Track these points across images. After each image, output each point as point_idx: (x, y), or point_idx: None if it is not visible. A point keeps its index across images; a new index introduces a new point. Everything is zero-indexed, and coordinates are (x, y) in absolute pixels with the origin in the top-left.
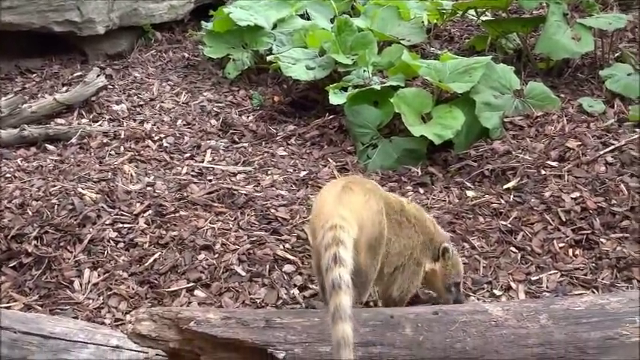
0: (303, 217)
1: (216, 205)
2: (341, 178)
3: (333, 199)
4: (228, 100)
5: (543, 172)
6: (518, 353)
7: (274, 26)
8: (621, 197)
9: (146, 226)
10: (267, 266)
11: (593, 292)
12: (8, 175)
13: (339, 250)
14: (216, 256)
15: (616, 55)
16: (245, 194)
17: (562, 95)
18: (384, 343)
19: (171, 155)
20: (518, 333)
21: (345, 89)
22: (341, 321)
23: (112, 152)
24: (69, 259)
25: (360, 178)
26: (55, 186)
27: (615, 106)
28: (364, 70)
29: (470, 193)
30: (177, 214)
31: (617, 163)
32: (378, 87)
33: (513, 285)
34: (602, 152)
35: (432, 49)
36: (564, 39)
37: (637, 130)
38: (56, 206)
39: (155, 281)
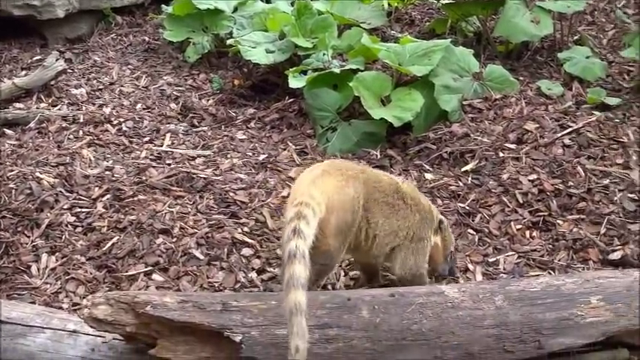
0: (262, 201)
1: (174, 189)
2: (328, 162)
3: (308, 181)
4: (188, 84)
5: (501, 154)
6: (473, 334)
7: (235, 9)
8: (578, 179)
9: (104, 210)
10: (226, 250)
11: (550, 274)
12: None
13: (299, 223)
14: (175, 240)
15: (575, 38)
16: (204, 178)
17: (521, 78)
18: (340, 326)
19: (131, 139)
20: (474, 314)
21: (304, 73)
22: (294, 289)
23: (71, 136)
24: (26, 243)
25: (347, 163)
26: (12, 170)
27: (573, 88)
28: (324, 54)
29: (428, 176)
30: (135, 198)
31: (575, 145)
32: (337, 70)
33: (471, 267)
34: (559, 135)
35: (393, 32)
36: (523, 22)
37: (594, 112)
38: (14, 191)
39: (113, 265)
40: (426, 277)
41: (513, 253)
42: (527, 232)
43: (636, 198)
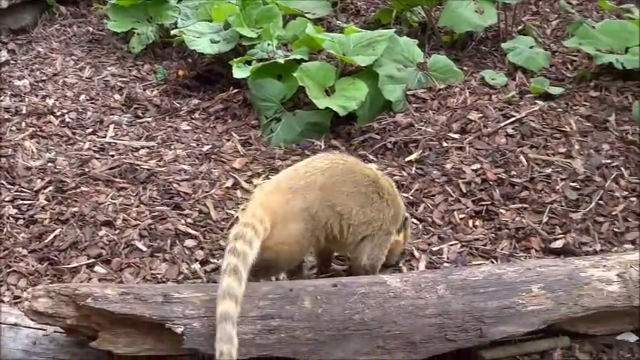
0: (206, 192)
1: (118, 180)
2: (286, 172)
3: (256, 200)
4: (132, 75)
5: (445, 144)
6: (416, 324)
7: (179, 0)
8: (521, 168)
9: (46, 202)
10: (169, 241)
11: (493, 262)
12: None
13: (236, 243)
14: (117, 231)
15: (519, 28)
16: (147, 169)
17: (465, 68)
18: (282, 316)
19: (74, 131)
20: (416, 304)
21: (249, 63)
22: (222, 300)
23: (13, 128)
24: None
25: (307, 167)
26: None
27: (517, 78)
28: (268, 44)
29: (372, 166)
30: (78, 190)
31: (518, 134)
32: (281, 60)
33: (417, 254)
34: (502, 124)
35: (338, 22)
36: (467, 12)
37: (538, 101)
38: None
39: (55, 258)
40: (379, 269)
41: (456, 242)
42: (471, 222)
43: (578, 187)
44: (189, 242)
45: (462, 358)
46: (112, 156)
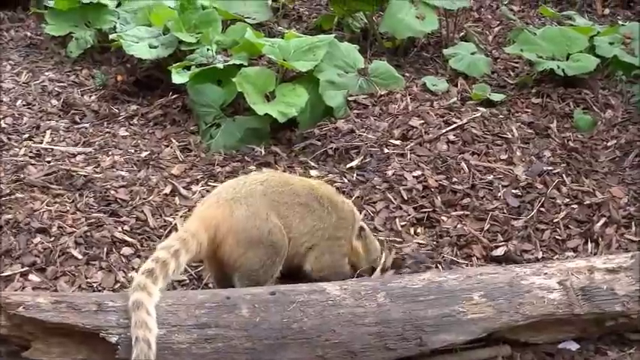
0: (144, 199)
1: (53, 187)
2: (226, 185)
3: (198, 211)
4: (70, 80)
5: (386, 150)
6: (355, 332)
7: (118, 4)
8: (462, 175)
9: None
10: (105, 249)
11: (436, 268)
12: None
13: (159, 253)
14: (52, 239)
15: (461, 34)
16: (84, 175)
17: (407, 74)
18: (219, 325)
19: (9, 136)
20: (355, 312)
21: (188, 68)
22: (133, 292)
23: None
24: None
25: (246, 179)
26: None
27: (459, 84)
28: (207, 49)
29: (313, 172)
30: (12, 197)
31: (459, 141)
32: (221, 66)
33: None
34: (444, 130)
35: (280, 28)
36: (408, 18)
37: (479, 108)
38: None
39: None
40: (347, 274)
41: (398, 249)
42: (412, 229)
43: (519, 194)
44: (126, 250)
45: None
46: (49, 162)
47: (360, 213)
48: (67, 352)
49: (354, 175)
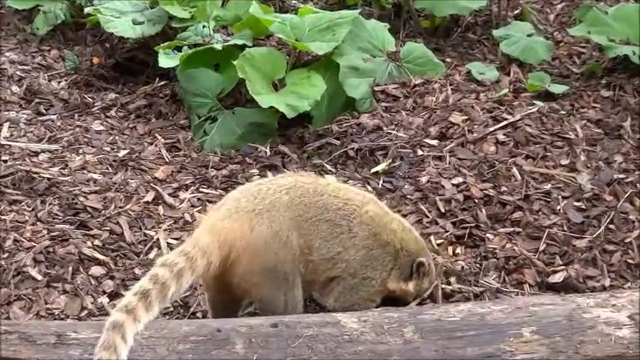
0: (119, 207)
1: (10, 191)
2: (240, 190)
3: (209, 221)
4: (35, 62)
5: (420, 152)
6: None
7: None
8: (513, 184)
9: None
10: (70, 268)
11: (475, 299)
12: None
13: (159, 270)
14: (6, 255)
15: (516, 12)
16: (48, 178)
17: (448, 60)
18: None
19: None
20: (376, 350)
21: (179, 49)
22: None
23: None
24: None
25: (267, 183)
26: None
27: (511, 73)
28: (204, 26)
29: (330, 178)
30: None
31: (510, 142)
32: (219, 46)
33: None
34: (492, 129)
35: (293, 2)
36: None
37: (536, 102)
38: None
39: None
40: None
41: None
42: (450, 248)
43: (584, 207)
44: (96, 270)
45: None
46: (5, 162)
47: None
48: None
49: (380, 181)
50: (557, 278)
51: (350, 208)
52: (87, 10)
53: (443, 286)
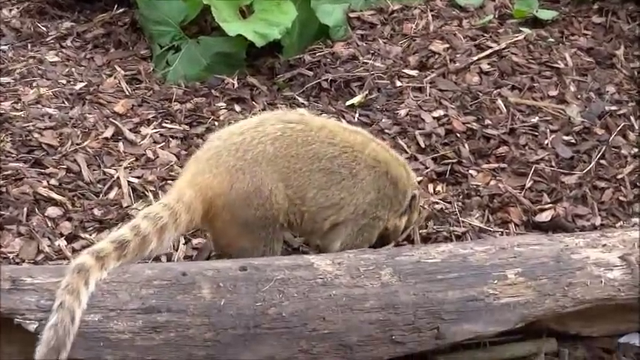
0: (77, 144)
1: None
2: (222, 137)
3: (191, 174)
4: None
5: (399, 83)
6: (351, 320)
7: None
8: (498, 116)
9: None
10: (25, 209)
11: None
12: None
13: (141, 222)
14: None
15: None
16: (0, 114)
17: None
18: (172, 309)
19: None
20: (352, 294)
21: None
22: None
23: None
24: None
25: (256, 128)
26: None
27: None
28: None
29: (302, 111)
30: None
31: (495, 72)
32: None
33: None
34: (475, 58)
35: None
36: None
37: (523, 29)
38: None
39: None
40: None
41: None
42: (431, 186)
43: (573, 141)
44: (53, 211)
45: None
46: None
47: None
48: None
49: (356, 115)
50: (545, 217)
51: (350, 155)
52: None
53: (420, 231)
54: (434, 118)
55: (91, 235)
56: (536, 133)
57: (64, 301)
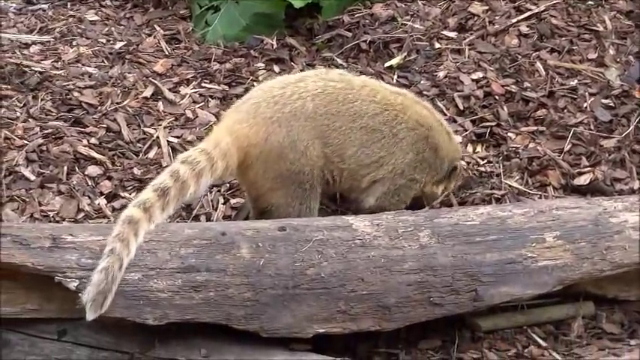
0: (117, 103)
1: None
2: (263, 89)
3: (229, 122)
4: None
5: (437, 45)
6: (389, 281)
7: None
8: (536, 79)
9: None
10: (65, 168)
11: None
12: None
13: (180, 167)
14: None
15: None
16: (40, 72)
17: None
18: (211, 269)
19: None
20: (390, 255)
21: None
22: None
23: None
24: None
25: (296, 83)
26: None
27: None
28: None
29: (342, 72)
30: None
31: (534, 34)
32: None
33: None
34: (514, 20)
35: None
36: None
37: None
38: None
39: None
40: None
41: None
42: (470, 147)
43: (612, 105)
44: (93, 169)
45: (452, 328)
46: None
47: None
48: (12, 299)
49: (395, 76)
50: (583, 180)
51: (391, 113)
52: None
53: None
54: (472, 80)
55: (130, 194)
56: (575, 96)
57: (115, 247)
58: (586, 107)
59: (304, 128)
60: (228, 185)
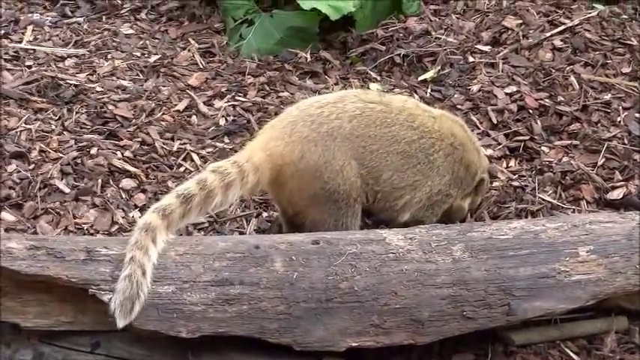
0: (151, 116)
1: (35, 99)
2: (300, 107)
3: (264, 139)
4: None
5: (471, 59)
6: (422, 295)
7: None
8: (570, 93)
9: None
10: (100, 181)
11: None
12: None
13: (208, 176)
14: (32, 167)
15: None
16: (75, 85)
17: None
18: (245, 282)
19: None
20: (423, 269)
21: None
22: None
23: None
24: None
25: (333, 104)
26: None
27: None
28: None
29: (374, 86)
30: None
31: (568, 48)
32: None
33: None
34: (548, 34)
35: None
36: None
37: (596, 5)
38: None
39: None
40: None
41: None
42: (503, 162)
43: None
44: (127, 182)
45: (485, 342)
46: (29, 67)
47: None
48: (46, 312)
49: (429, 90)
50: (617, 194)
51: (428, 141)
52: None
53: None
54: (506, 94)
55: None
56: (609, 110)
57: (135, 255)
58: (620, 121)
59: (340, 148)
60: (260, 198)
